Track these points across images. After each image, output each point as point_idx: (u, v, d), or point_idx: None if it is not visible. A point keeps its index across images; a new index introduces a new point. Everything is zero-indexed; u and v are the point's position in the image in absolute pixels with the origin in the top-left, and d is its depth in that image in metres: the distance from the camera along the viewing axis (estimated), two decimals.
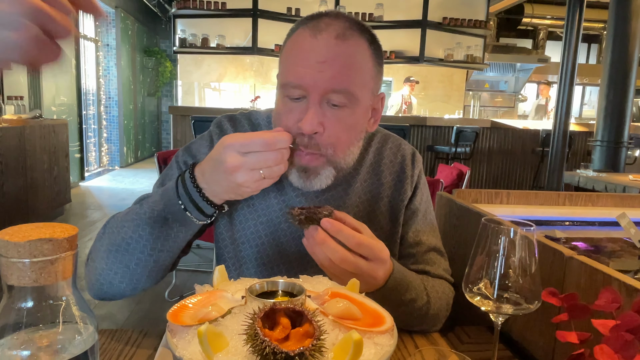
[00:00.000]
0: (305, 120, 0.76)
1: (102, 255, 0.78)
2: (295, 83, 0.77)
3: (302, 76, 0.76)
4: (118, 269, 0.78)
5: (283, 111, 0.81)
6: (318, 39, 0.76)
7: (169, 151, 3.27)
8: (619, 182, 3.26)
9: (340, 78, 0.76)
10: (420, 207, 0.96)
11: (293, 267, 0.89)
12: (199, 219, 0.76)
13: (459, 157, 5.76)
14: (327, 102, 0.78)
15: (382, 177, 0.94)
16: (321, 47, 0.76)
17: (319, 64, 0.75)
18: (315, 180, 0.82)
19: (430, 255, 0.93)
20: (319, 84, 0.76)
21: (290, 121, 0.79)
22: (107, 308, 2.82)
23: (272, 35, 5.98)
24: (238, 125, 0.94)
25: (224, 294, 0.54)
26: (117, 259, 0.77)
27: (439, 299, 0.87)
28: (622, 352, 0.46)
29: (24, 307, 0.43)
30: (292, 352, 0.41)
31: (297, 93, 0.78)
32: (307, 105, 0.77)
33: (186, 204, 0.74)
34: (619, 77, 4.36)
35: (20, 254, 0.41)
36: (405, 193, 0.94)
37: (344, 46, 0.76)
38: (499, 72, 9.84)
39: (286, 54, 0.82)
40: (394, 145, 0.97)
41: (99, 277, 0.79)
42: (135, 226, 0.76)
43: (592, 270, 0.66)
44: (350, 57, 0.77)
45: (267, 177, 0.70)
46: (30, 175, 4.09)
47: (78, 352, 0.45)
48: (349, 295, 0.57)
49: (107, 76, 8.05)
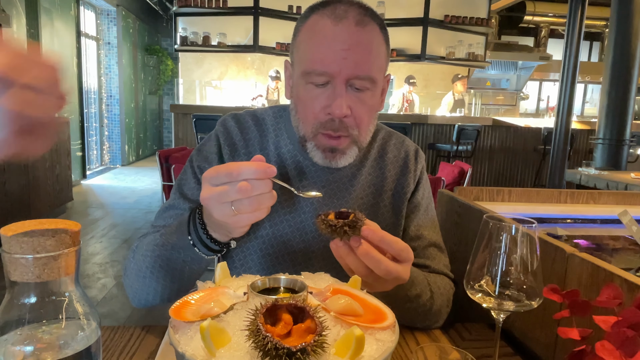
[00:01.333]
0: (335, 105, 0.79)
1: (133, 278, 0.85)
2: (321, 70, 0.80)
3: (328, 63, 0.79)
4: (149, 290, 0.84)
5: (307, 98, 0.83)
6: (339, 26, 0.79)
7: (171, 149, 3.27)
8: (620, 180, 3.25)
9: (363, 64, 0.80)
10: (422, 202, 0.98)
11: (297, 259, 0.90)
12: (206, 254, 0.77)
13: (460, 155, 5.76)
14: (351, 86, 0.81)
15: (386, 171, 0.97)
16: (344, 34, 0.79)
17: (343, 51, 0.78)
18: (342, 159, 0.86)
19: (430, 250, 0.95)
20: (344, 71, 0.79)
21: (316, 107, 0.82)
22: (109, 305, 2.83)
23: (273, 33, 5.98)
24: (242, 123, 0.95)
25: (225, 291, 0.55)
26: (145, 283, 0.83)
27: (441, 294, 0.88)
28: (624, 348, 0.46)
29: (27, 303, 0.43)
30: (294, 348, 0.41)
31: (322, 80, 0.80)
32: (334, 91, 0.80)
33: (194, 240, 0.75)
34: (621, 75, 4.34)
35: (24, 249, 0.41)
36: (408, 187, 0.96)
37: (363, 32, 0.80)
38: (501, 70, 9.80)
39: (305, 41, 0.83)
40: (397, 142, 1.00)
41: (136, 294, 0.86)
42: (155, 258, 0.81)
43: (594, 267, 0.66)
44: (370, 43, 0.81)
45: (241, 212, 0.64)
46: (32, 174, 4.10)
47: (81, 347, 0.45)
48: (350, 291, 0.57)
49: (108, 74, 8.06)
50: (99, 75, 7.85)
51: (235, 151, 0.92)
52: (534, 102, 11.21)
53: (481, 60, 6.62)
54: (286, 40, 6.18)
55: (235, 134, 0.93)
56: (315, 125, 0.84)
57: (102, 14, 7.89)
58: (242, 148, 0.92)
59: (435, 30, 6.14)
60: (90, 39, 7.50)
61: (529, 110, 11.12)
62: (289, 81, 0.91)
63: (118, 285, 3.14)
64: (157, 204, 5.28)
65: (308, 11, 0.85)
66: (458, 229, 1.16)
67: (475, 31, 6.47)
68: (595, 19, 9.58)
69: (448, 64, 6.78)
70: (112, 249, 3.87)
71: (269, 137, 0.94)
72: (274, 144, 0.93)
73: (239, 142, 0.92)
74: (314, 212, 0.90)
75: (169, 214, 0.89)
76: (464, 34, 6.47)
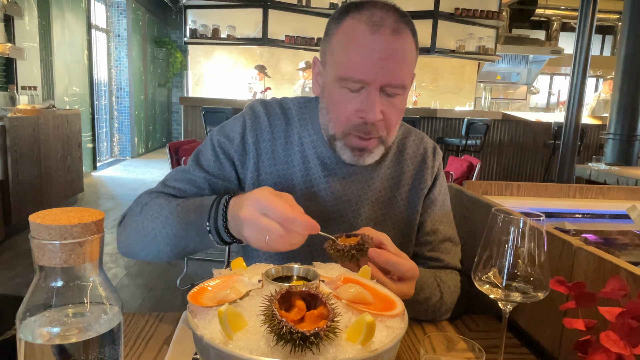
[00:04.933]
0: (370, 111, 0.83)
1: (132, 230, 0.86)
2: (357, 78, 0.82)
3: (365, 72, 0.82)
4: (144, 247, 0.85)
5: (340, 101, 0.86)
6: (377, 36, 0.81)
7: (180, 142, 3.30)
8: (631, 176, 3.23)
9: (398, 73, 0.83)
10: (439, 198, 1.01)
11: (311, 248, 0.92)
12: (217, 242, 0.79)
13: (469, 150, 5.73)
14: (383, 92, 0.84)
15: (405, 166, 0.99)
16: (381, 44, 0.81)
17: (380, 60, 0.81)
18: (368, 157, 0.90)
19: (445, 245, 0.98)
20: (380, 79, 0.82)
21: (349, 110, 0.85)
22: (119, 295, 2.87)
23: (282, 26, 5.97)
24: (270, 109, 0.97)
25: (241, 278, 0.57)
26: (143, 242, 0.84)
27: (452, 293, 0.90)
28: (628, 339, 0.47)
29: (54, 286, 0.45)
30: (307, 332, 0.43)
31: (357, 87, 0.83)
32: (368, 97, 0.83)
33: (211, 228, 0.77)
34: (634, 69, 4.29)
35: (52, 236, 0.43)
36: (425, 182, 0.99)
37: (399, 41, 0.82)
38: (511, 63, 9.72)
39: (341, 47, 0.85)
40: (417, 138, 1.03)
41: (127, 244, 0.88)
42: (164, 224, 0.82)
43: (600, 260, 0.67)
44: (405, 53, 0.84)
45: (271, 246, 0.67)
46: (44, 165, 4.15)
47: (104, 330, 0.47)
48: (361, 281, 0.59)
49: (118, 67, 8.10)
50: (109, 68, 7.90)
51: (261, 136, 0.94)
52: (544, 96, 11.11)
53: (491, 54, 6.57)
54: (295, 33, 6.16)
55: (263, 119, 0.95)
56: (347, 127, 0.86)
57: (112, 6, 7.92)
58: (268, 134, 0.95)
59: (446, 23, 6.10)
60: (101, 32, 7.54)
61: (539, 104, 11.02)
62: (317, 78, 0.93)
63: (129, 275, 3.19)
64: None
65: (342, 13, 0.86)
66: (466, 223, 1.17)
67: (486, 24, 6.41)
68: (608, 12, 9.44)
69: (458, 58, 6.74)
70: None
71: (294, 126, 0.96)
72: (298, 133, 0.96)
73: (265, 127, 0.95)
74: (333, 202, 0.93)
75: (183, 178, 0.92)
76: (475, 27, 6.42)
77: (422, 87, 8.23)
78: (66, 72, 5.90)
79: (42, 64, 5.23)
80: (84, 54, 6.46)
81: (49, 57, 5.41)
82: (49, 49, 5.40)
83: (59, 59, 5.67)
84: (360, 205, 0.94)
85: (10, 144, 3.61)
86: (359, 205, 0.94)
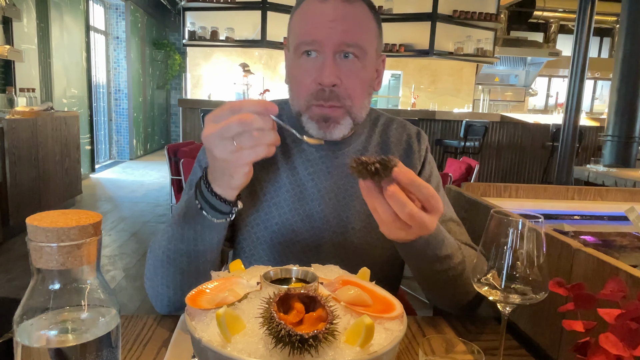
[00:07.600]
0: (323, 73, 0.82)
1: (152, 272, 0.84)
2: (309, 40, 0.83)
3: (315, 34, 0.83)
4: (169, 282, 0.82)
5: (298, 72, 0.87)
6: (326, 4, 0.84)
7: (179, 144, 3.30)
8: (629, 178, 3.24)
9: (351, 33, 0.83)
10: (432, 180, 0.98)
11: (307, 247, 0.92)
12: (215, 217, 0.76)
13: (467, 152, 5.74)
14: (340, 56, 0.84)
15: (390, 154, 0.98)
16: (330, 9, 0.83)
17: (329, 22, 0.83)
18: (336, 130, 0.87)
19: (450, 225, 0.94)
20: (332, 38, 0.82)
21: (307, 80, 0.85)
22: (118, 297, 2.87)
23: (281, 28, 5.97)
24: None
25: (239, 280, 0.56)
26: (164, 273, 0.82)
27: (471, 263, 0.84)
28: (627, 340, 0.47)
29: (52, 289, 0.45)
30: (306, 335, 0.43)
31: (311, 48, 0.84)
32: (323, 61, 0.83)
33: (202, 203, 0.75)
34: (631, 71, 4.30)
35: (49, 238, 0.43)
36: (414, 167, 0.97)
37: (350, 7, 0.84)
38: (510, 65, 9.74)
39: (295, 22, 0.89)
40: (399, 126, 1.02)
41: (157, 293, 0.85)
42: (169, 237, 0.81)
43: (599, 262, 0.67)
44: (357, 17, 0.85)
45: (244, 147, 0.65)
46: (42, 167, 4.15)
47: (101, 333, 0.47)
48: (359, 283, 0.59)
49: (116, 69, 8.10)
50: (108, 70, 7.90)
51: None
52: (542, 98, 11.13)
53: (490, 56, 6.58)
54: None
55: None
56: (307, 97, 0.86)
57: (111, 9, 7.92)
58: None
59: (444, 25, 6.11)
60: (99, 34, 7.54)
61: (537, 106, 11.05)
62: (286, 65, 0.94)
63: (127, 277, 3.18)
64: (165, 198, 5.32)
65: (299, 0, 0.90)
66: (465, 225, 1.17)
67: (484, 26, 6.43)
68: (606, 14, 9.47)
69: (456, 60, 6.75)
70: (120, 242, 3.92)
71: None
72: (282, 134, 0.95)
73: None
74: (321, 200, 0.92)
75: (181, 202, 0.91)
76: (473, 29, 6.43)
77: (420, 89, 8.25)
78: (64, 74, 5.89)
79: (40, 66, 5.22)
80: (82, 56, 6.46)
81: (48, 59, 5.40)
82: (48, 51, 5.39)
83: (58, 61, 5.66)
84: (349, 200, 0.93)
85: (9, 146, 3.60)
86: (347, 200, 0.93)
